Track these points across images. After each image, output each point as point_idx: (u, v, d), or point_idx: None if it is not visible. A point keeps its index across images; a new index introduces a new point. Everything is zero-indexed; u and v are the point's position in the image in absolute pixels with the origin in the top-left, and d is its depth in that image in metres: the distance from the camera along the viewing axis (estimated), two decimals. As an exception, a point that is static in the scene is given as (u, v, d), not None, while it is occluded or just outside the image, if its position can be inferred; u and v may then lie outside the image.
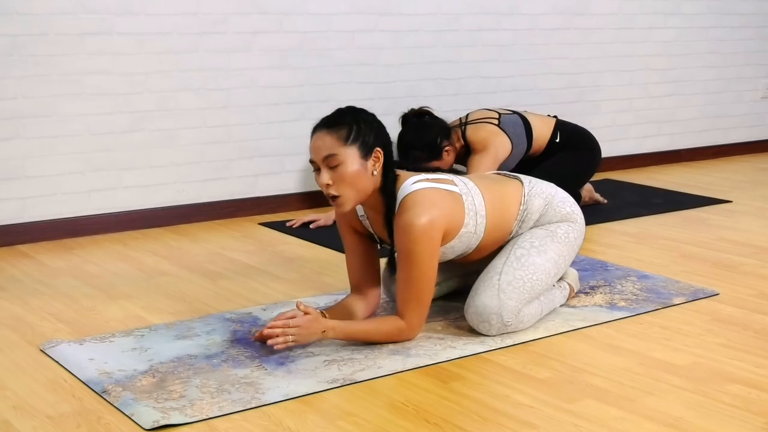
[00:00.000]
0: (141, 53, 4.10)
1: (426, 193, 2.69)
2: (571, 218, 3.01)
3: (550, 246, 2.92)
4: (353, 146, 2.63)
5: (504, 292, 2.81)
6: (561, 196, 3.04)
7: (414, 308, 2.71)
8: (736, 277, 3.46)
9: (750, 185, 5.26)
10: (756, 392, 2.43)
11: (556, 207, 2.99)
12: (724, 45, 6.17)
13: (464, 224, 2.79)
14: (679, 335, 2.85)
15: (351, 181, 2.63)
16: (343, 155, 2.62)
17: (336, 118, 2.69)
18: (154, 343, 2.76)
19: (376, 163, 2.68)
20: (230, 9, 4.27)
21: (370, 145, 2.66)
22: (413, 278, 2.67)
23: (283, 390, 2.42)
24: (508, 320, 2.80)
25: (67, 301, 3.18)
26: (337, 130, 2.64)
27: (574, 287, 3.18)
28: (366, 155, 2.65)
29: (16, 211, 3.92)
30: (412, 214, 2.64)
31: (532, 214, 2.95)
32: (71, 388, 2.46)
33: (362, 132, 2.66)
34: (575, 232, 3.00)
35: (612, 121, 5.72)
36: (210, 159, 4.35)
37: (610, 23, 5.59)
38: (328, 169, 2.63)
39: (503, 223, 2.91)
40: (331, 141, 2.63)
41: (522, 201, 2.94)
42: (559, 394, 2.42)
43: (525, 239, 2.92)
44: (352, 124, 2.65)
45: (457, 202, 2.78)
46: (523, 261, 2.86)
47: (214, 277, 3.47)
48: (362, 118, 2.70)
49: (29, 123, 3.89)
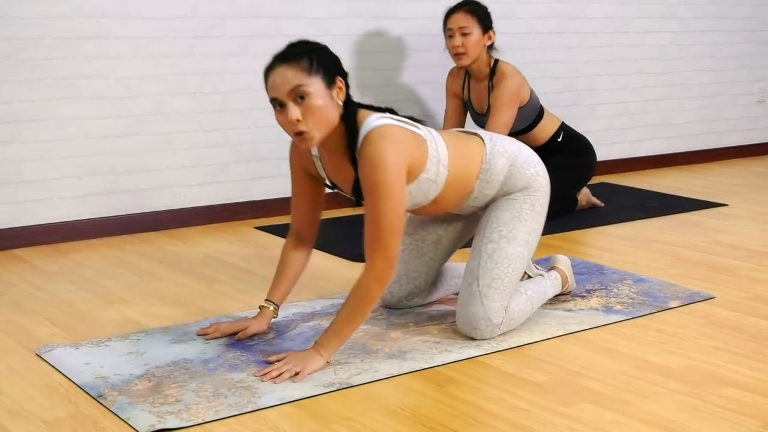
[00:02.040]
0: (137, 57, 4.10)
1: (392, 128, 2.60)
2: (535, 182, 2.90)
3: (519, 228, 2.85)
4: (317, 76, 2.53)
5: (486, 296, 2.80)
6: (525, 154, 2.93)
7: (380, 249, 2.57)
8: (731, 280, 3.47)
9: (745, 189, 5.27)
10: (751, 395, 2.43)
11: (521, 168, 2.89)
12: (720, 49, 6.18)
13: (425, 169, 2.70)
14: (675, 339, 2.86)
15: (319, 112, 2.53)
16: (310, 85, 2.51)
17: (292, 51, 2.57)
18: (150, 347, 2.76)
19: (339, 92, 2.59)
20: (226, 13, 4.27)
21: (332, 73, 2.58)
22: (380, 212, 2.55)
23: (279, 394, 2.43)
24: (497, 321, 2.80)
25: (63, 305, 3.18)
26: (298, 62, 2.53)
27: (567, 273, 3.19)
28: (330, 85, 2.56)
29: (12, 215, 3.92)
30: (380, 146, 2.55)
31: (495, 174, 2.86)
32: (67, 393, 2.46)
33: (323, 61, 2.56)
34: (540, 200, 2.92)
35: (608, 125, 5.73)
36: (206, 163, 4.35)
37: (606, 27, 5.60)
38: (294, 103, 2.52)
39: (464, 179, 2.83)
40: (293, 73, 2.51)
41: (484, 160, 2.85)
42: (554, 397, 2.43)
43: (492, 228, 2.85)
44: (311, 54, 2.55)
45: (420, 145, 2.69)
46: (495, 257, 2.82)
47: (210, 281, 3.47)
48: (318, 48, 2.60)
49: (25, 127, 3.89)
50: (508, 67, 4.37)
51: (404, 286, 3.08)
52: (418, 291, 3.10)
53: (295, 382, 2.49)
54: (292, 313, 3.07)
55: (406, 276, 3.07)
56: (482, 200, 2.91)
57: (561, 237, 4.10)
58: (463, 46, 4.29)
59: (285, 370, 2.53)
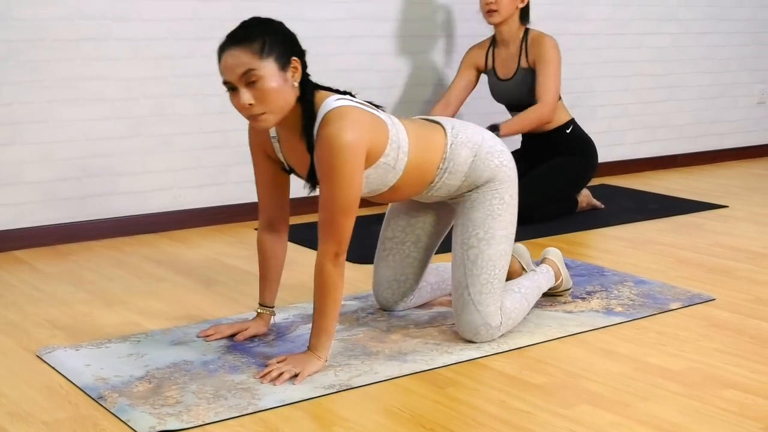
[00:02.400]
0: (137, 59, 4.10)
1: (351, 109, 2.53)
2: (500, 174, 2.83)
3: (494, 226, 2.82)
4: (269, 58, 2.46)
5: (480, 303, 2.79)
6: (488, 143, 2.85)
7: (331, 232, 2.53)
8: (731, 282, 3.47)
9: (745, 191, 5.27)
10: (752, 397, 2.43)
11: (484, 159, 2.82)
12: (720, 51, 6.18)
13: (384, 153, 2.63)
14: (675, 340, 2.85)
15: (273, 96, 2.47)
16: (262, 69, 2.45)
17: (244, 32, 2.50)
18: (151, 348, 2.76)
19: (294, 73, 2.52)
20: (227, 14, 4.27)
21: (286, 54, 2.50)
22: (335, 195, 2.50)
23: (279, 396, 2.42)
24: (495, 324, 2.80)
25: (63, 307, 3.18)
26: (250, 44, 2.46)
27: (558, 265, 3.21)
28: (284, 66, 2.49)
29: (12, 216, 3.92)
30: (336, 127, 2.47)
31: (459, 165, 2.79)
32: (67, 394, 2.46)
33: (276, 42, 2.49)
34: (508, 190, 2.86)
35: (607, 127, 5.73)
36: (206, 164, 4.36)
37: (605, 29, 5.60)
38: (246, 87, 2.46)
39: (425, 167, 2.76)
40: (245, 57, 2.44)
41: (445, 149, 2.79)
42: (555, 399, 2.43)
43: (469, 233, 2.81)
44: (263, 36, 2.47)
45: (380, 128, 2.63)
46: (480, 262, 2.79)
47: (210, 282, 3.47)
48: (272, 28, 2.53)
49: (25, 129, 3.89)
50: (541, 32, 4.49)
51: (396, 291, 3.08)
52: (411, 291, 3.10)
53: (295, 384, 2.49)
54: (293, 315, 3.07)
55: (396, 281, 3.07)
56: (445, 190, 2.84)
57: (561, 239, 4.10)
58: (496, 2, 4.40)
59: (284, 370, 2.52)
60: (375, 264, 3.10)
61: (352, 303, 3.18)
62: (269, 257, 2.87)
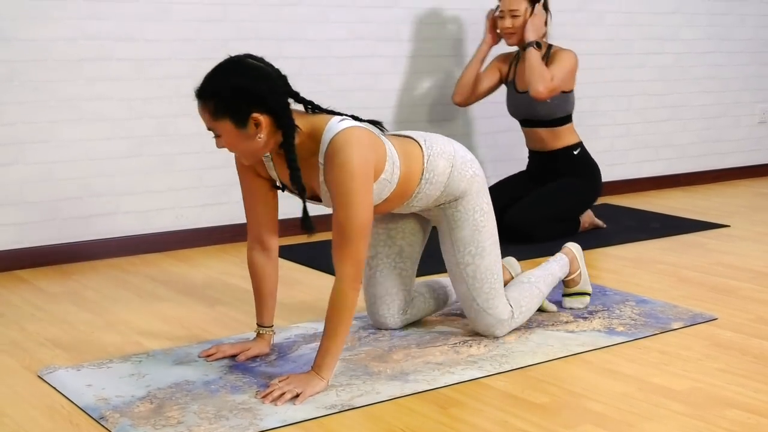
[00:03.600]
0: (140, 79, 4.11)
1: (355, 131, 2.59)
2: (474, 184, 2.94)
3: (482, 238, 2.95)
4: (224, 119, 2.51)
5: (488, 308, 2.97)
6: (460, 154, 2.94)
7: (348, 255, 2.56)
8: (734, 301, 3.46)
9: (748, 210, 5.27)
10: (755, 417, 2.43)
11: (460, 169, 2.90)
12: (722, 70, 6.19)
13: (384, 170, 2.72)
14: (678, 360, 2.85)
15: (239, 148, 2.58)
16: (219, 129, 2.54)
17: (203, 87, 2.56)
18: (152, 368, 2.76)
19: (258, 128, 2.53)
20: (229, 35, 4.29)
21: (241, 113, 2.51)
22: (349, 219, 2.54)
23: (281, 416, 2.42)
24: (507, 317, 3.00)
25: (65, 326, 3.18)
26: (205, 103, 2.53)
27: (576, 254, 3.33)
28: (241, 124, 2.52)
29: (15, 236, 3.92)
30: (348, 153, 2.53)
31: (438, 176, 2.86)
32: (69, 415, 2.45)
33: (229, 103, 2.50)
34: (484, 197, 2.96)
35: (610, 146, 5.74)
36: (209, 184, 4.36)
37: (608, 49, 5.62)
38: (216, 136, 2.57)
39: (410, 179, 2.83)
40: (205, 114, 2.54)
41: (424, 161, 2.86)
42: (557, 419, 2.42)
43: (462, 252, 2.94)
44: (216, 97, 2.51)
45: (380, 146, 2.72)
46: (479, 275, 2.95)
47: (213, 302, 3.46)
48: (228, 86, 2.52)
49: (28, 148, 3.90)
50: (564, 48, 4.55)
51: (390, 305, 3.08)
52: (407, 305, 3.11)
53: (296, 405, 2.49)
54: (294, 335, 3.07)
55: (388, 295, 3.08)
56: (425, 201, 2.92)
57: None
58: (513, 26, 4.49)
59: (286, 390, 2.52)
60: (364, 285, 3.11)
61: (353, 323, 3.17)
62: (262, 277, 2.87)
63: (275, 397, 2.50)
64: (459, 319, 3.23)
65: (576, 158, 4.60)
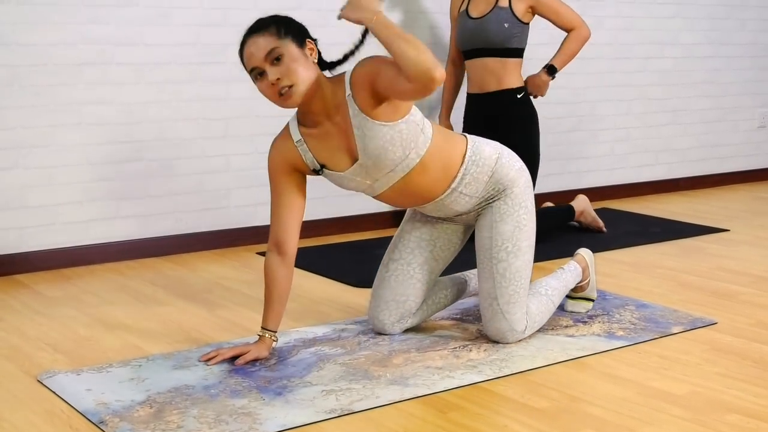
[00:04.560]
0: (140, 83, 4.12)
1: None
2: (523, 177, 3.01)
3: (521, 237, 2.96)
4: (287, 38, 2.72)
5: (507, 312, 2.95)
6: (506, 149, 3.04)
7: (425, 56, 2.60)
8: (734, 306, 3.46)
9: (748, 214, 5.27)
10: (755, 422, 2.43)
11: (508, 158, 2.99)
12: (721, 75, 6.20)
13: (411, 112, 2.81)
14: (678, 364, 2.85)
15: (297, 68, 2.71)
16: (282, 48, 2.70)
17: (260, 23, 2.76)
18: (152, 373, 2.76)
19: (311, 52, 2.78)
20: (229, 39, 4.28)
21: (301, 36, 2.76)
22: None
23: (280, 420, 2.42)
24: (521, 329, 2.98)
25: (65, 331, 3.18)
26: (267, 29, 2.72)
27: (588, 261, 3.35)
28: (301, 45, 2.75)
29: (14, 240, 3.92)
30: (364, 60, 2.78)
31: (485, 159, 2.94)
32: (68, 419, 2.45)
33: (290, 27, 2.76)
34: (530, 197, 3.01)
35: (610, 151, 5.74)
36: (208, 188, 4.36)
37: (608, 53, 5.62)
38: (271, 66, 2.71)
39: (450, 153, 2.91)
40: (266, 41, 2.70)
41: (468, 146, 2.94)
42: (557, 424, 2.42)
43: (498, 247, 2.94)
44: (278, 22, 2.75)
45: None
46: (508, 275, 2.94)
47: (212, 307, 3.46)
48: (284, 18, 2.79)
49: (28, 153, 3.90)
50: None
51: (394, 312, 3.08)
52: (409, 313, 3.11)
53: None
54: (294, 339, 3.06)
55: (394, 301, 3.08)
56: (475, 187, 2.94)
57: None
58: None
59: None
60: (375, 286, 3.11)
61: (354, 327, 3.18)
62: (272, 280, 2.89)
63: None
64: (459, 323, 3.23)
65: (519, 101, 4.41)
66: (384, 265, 3.10)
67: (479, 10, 4.41)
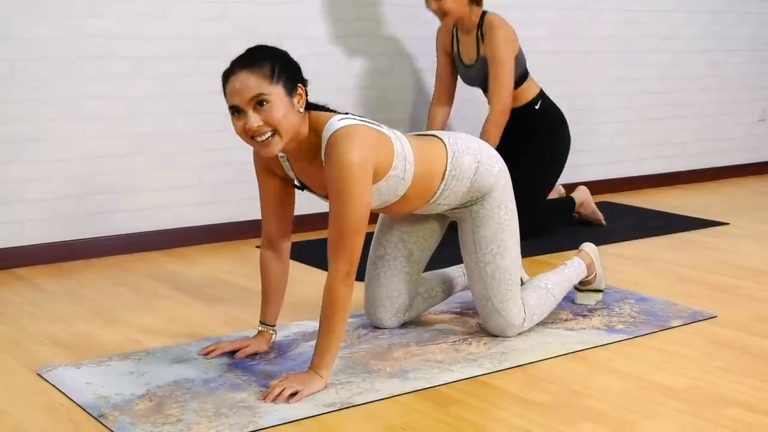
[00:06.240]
0: (139, 77, 4.11)
1: (355, 128, 2.57)
2: (501, 180, 2.95)
3: (505, 237, 2.94)
4: (278, 84, 2.50)
5: (503, 310, 2.95)
6: (485, 149, 2.96)
7: (342, 251, 2.54)
8: (733, 299, 3.46)
9: (747, 208, 5.27)
10: (754, 415, 2.43)
11: (487, 164, 2.91)
12: (721, 68, 6.20)
13: (393, 166, 2.70)
14: (677, 358, 2.85)
15: (281, 120, 2.50)
16: (272, 94, 2.49)
17: (254, 56, 2.55)
18: (152, 366, 2.76)
19: (300, 99, 2.58)
20: (229, 33, 4.29)
21: (293, 81, 2.56)
22: (344, 215, 2.53)
23: (280, 414, 2.42)
24: (519, 322, 2.99)
25: (64, 324, 3.18)
26: (259, 67, 2.50)
27: (593, 257, 3.32)
28: (291, 92, 2.54)
29: (14, 234, 3.92)
30: (344, 148, 2.52)
31: (464, 171, 2.87)
32: (68, 413, 2.45)
33: (284, 68, 2.54)
34: (509, 196, 2.97)
35: (609, 144, 5.74)
36: (208, 182, 4.36)
37: (607, 47, 5.62)
38: (254, 110, 2.49)
39: (431, 175, 2.83)
40: (255, 81, 2.49)
41: (448, 158, 2.86)
42: (557, 417, 2.42)
43: (483, 251, 2.93)
44: (273, 61, 2.53)
45: (385, 143, 2.69)
46: (498, 275, 2.94)
47: (212, 300, 3.46)
48: (280, 55, 2.58)
49: (27, 147, 3.90)
50: (496, 18, 4.36)
51: (389, 308, 3.08)
52: (405, 307, 3.11)
53: (292, 403, 2.48)
54: (293, 333, 3.07)
55: (388, 298, 3.07)
56: (452, 198, 2.91)
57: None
58: (440, 9, 4.33)
59: (285, 387, 2.51)
60: (366, 284, 3.11)
61: (353, 320, 3.18)
62: (268, 275, 2.89)
63: (275, 395, 2.50)
64: (459, 317, 3.23)
65: (538, 113, 4.50)
66: (372, 264, 3.10)
67: (469, 57, 4.47)
